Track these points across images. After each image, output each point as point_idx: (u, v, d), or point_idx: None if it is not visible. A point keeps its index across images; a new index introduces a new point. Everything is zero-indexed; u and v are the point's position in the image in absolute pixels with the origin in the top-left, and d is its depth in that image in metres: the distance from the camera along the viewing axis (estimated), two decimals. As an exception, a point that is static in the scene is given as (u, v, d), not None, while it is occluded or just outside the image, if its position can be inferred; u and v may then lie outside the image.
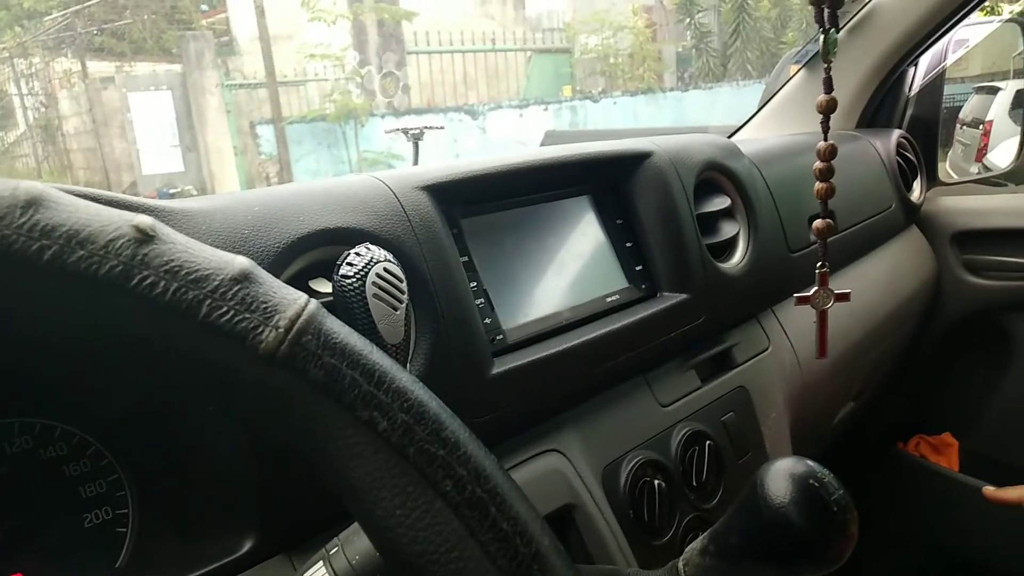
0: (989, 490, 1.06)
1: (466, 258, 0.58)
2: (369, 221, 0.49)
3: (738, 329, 0.84)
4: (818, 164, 0.60)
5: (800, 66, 1.32)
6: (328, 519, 0.45)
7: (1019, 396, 1.22)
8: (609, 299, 0.69)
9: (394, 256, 0.47)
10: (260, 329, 0.23)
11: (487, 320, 0.57)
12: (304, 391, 0.24)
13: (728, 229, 0.82)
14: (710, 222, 0.80)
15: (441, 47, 8.37)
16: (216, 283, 0.23)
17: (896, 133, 1.21)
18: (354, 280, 0.42)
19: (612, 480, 0.63)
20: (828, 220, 0.62)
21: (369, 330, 0.42)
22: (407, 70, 8.31)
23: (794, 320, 0.90)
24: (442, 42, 8.35)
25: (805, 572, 0.39)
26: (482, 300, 0.58)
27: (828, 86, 0.57)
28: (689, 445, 0.70)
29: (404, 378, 0.26)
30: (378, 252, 0.45)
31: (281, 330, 0.23)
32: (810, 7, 0.57)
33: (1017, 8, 1.38)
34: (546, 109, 7.83)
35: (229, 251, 0.32)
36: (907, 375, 1.29)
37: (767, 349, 0.85)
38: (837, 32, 0.56)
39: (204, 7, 10.99)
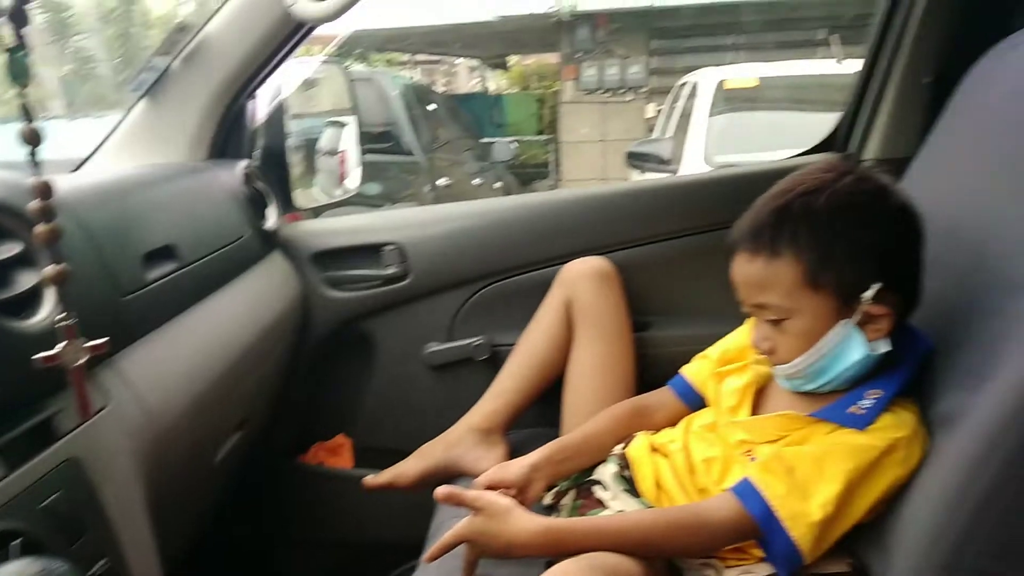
0: (367, 480, 1.19)
1: None
2: None
3: (64, 393, 0.72)
4: (33, 204, 0.53)
5: (140, 94, 1.26)
6: None
7: (385, 389, 1.40)
8: None
9: None
10: None
11: None
12: None
13: (27, 279, 0.70)
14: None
15: None
16: None
17: (242, 163, 1.25)
18: None
19: None
20: (60, 266, 0.56)
21: None
22: None
23: (140, 369, 0.82)
24: None
25: None
26: None
27: (26, 114, 0.51)
28: (-11, 556, 0.56)
29: None
30: None
31: None
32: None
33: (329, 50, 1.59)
34: None
35: None
36: (295, 391, 1.36)
37: (105, 408, 0.75)
38: (25, 53, 0.50)
39: None
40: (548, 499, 0.99)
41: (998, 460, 0.62)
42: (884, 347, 0.81)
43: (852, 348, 0.80)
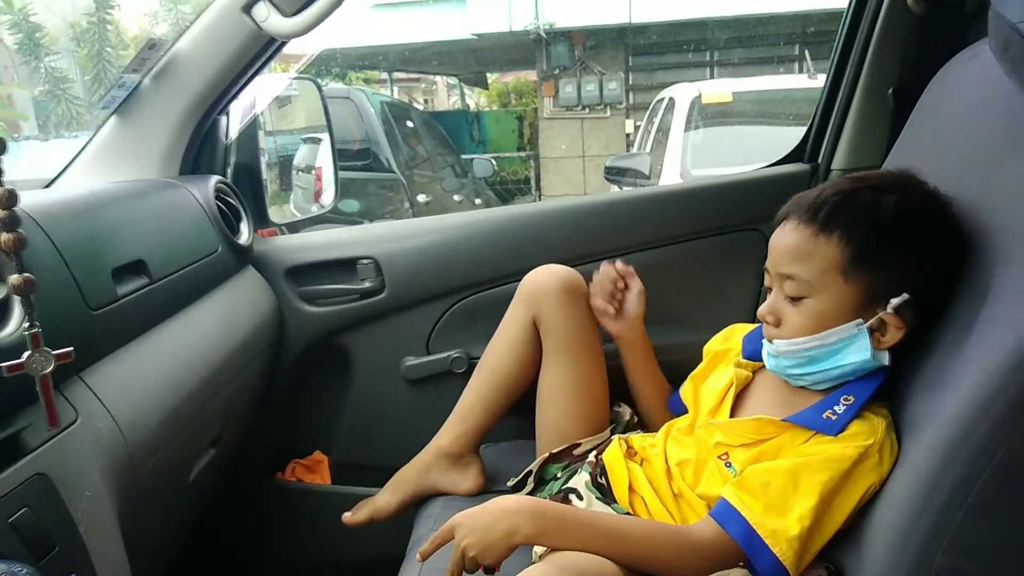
0: (346, 518, 1.16)
1: None
2: None
3: (33, 407, 0.72)
4: (-1, 213, 0.53)
5: (111, 111, 1.25)
6: None
7: (363, 403, 1.39)
8: None
9: None
10: None
11: None
12: None
13: (-5, 294, 0.69)
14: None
15: None
16: None
17: (214, 179, 1.25)
18: None
19: None
20: (27, 275, 0.56)
21: None
22: None
23: (110, 384, 0.82)
24: None
25: None
26: None
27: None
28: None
29: None
30: None
31: None
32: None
33: (300, 67, 1.59)
34: None
35: None
36: (270, 407, 1.35)
37: (75, 422, 0.75)
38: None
39: None
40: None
41: (961, 461, 0.64)
42: (884, 359, 0.81)
43: (854, 348, 0.81)
